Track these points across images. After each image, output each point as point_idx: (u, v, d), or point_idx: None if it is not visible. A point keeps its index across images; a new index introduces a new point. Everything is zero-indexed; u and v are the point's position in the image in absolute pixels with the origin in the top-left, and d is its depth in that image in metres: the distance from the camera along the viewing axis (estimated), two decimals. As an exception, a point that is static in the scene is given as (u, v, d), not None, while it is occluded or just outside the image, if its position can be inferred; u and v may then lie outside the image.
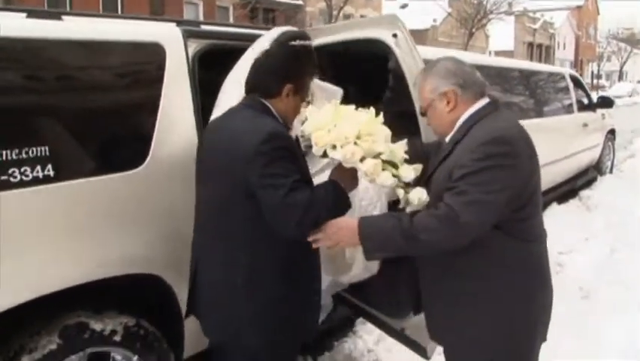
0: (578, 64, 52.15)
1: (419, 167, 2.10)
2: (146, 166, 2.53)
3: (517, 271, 2.00)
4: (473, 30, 34.62)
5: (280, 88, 2.15)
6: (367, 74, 2.99)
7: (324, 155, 2.07)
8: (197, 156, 2.28)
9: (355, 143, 2.01)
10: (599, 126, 9.03)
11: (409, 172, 2.05)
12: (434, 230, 1.86)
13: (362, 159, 2.01)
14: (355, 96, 2.60)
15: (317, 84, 2.54)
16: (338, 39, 3.04)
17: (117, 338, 2.45)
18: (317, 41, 3.28)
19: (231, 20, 26.27)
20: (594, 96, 9.40)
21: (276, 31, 2.30)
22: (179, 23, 3.01)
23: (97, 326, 2.40)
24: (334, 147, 2.03)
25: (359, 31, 2.91)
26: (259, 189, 1.93)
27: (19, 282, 2.16)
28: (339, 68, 3.19)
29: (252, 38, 2.66)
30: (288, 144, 2.01)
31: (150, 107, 2.59)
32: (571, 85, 8.35)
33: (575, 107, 8.18)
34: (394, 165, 2.07)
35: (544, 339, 2.14)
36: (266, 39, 2.26)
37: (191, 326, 2.62)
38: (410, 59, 2.64)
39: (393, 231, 1.91)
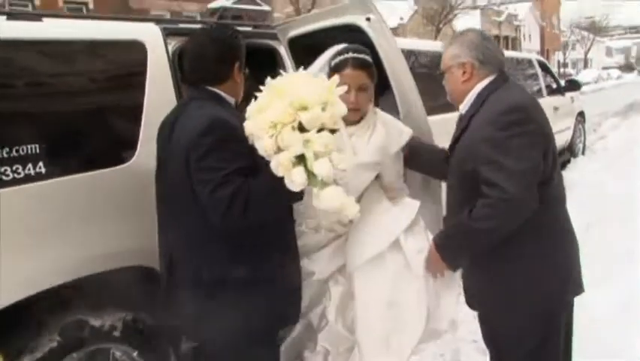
0: (544, 54, 52.91)
1: (346, 158, 1.98)
2: (135, 159, 2.58)
3: (545, 235, 2.11)
4: (440, 26, 35.00)
5: (231, 70, 2.21)
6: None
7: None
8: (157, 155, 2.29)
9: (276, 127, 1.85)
10: (568, 110, 9.21)
11: (322, 168, 1.82)
12: (491, 216, 1.99)
13: (279, 151, 1.87)
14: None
15: (382, 117, 2.49)
16: (313, 28, 3.11)
17: (117, 333, 2.48)
18: (292, 33, 3.37)
19: (199, 29, 26.30)
20: (562, 81, 9.60)
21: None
22: (157, 22, 3.05)
23: (96, 322, 2.42)
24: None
25: (333, 19, 2.99)
26: (195, 184, 1.98)
27: (16, 279, 2.18)
28: (315, 57, 3.26)
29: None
30: (228, 133, 2.00)
31: (135, 103, 2.63)
32: (539, 70, 8.54)
33: (544, 91, 8.36)
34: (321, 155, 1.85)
35: (579, 292, 2.23)
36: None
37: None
38: (384, 40, 2.72)
39: (458, 235, 2.11)
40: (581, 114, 10.04)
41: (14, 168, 2.20)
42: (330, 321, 2.36)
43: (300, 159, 1.83)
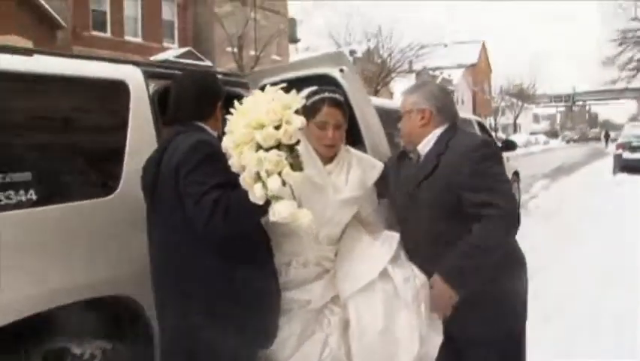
0: (476, 118, 55.19)
1: (295, 175, 2.02)
2: (119, 192, 2.67)
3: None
4: (378, 87, 36.16)
5: (214, 108, 2.47)
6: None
7: None
8: (144, 188, 2.43)
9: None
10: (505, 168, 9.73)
11: (274, 183, 1.95)
12: (497, 230, 2.27)
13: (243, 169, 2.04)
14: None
15: (355, 154, 2.67)
16: (286, 77, 3.31)
17: (95, 361, 2.51)
18: (264, 81, 3.56)
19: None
20: (498, 142, 10.16)
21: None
22: (136, 65, 3.19)
23: (77, 350, 2.46)
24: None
25: (307, 69, 3.20)
26: (183, 196, 2.15)
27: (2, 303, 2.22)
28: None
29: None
30: (212, 151, 2.19)
31: (118, 139, 2.75)
32: (477, 130, 9.05)
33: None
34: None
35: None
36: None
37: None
38: (356, 91, 2.95)
39: (470, 258, 2.30)
40: (516, 173, 10.62)
41: (7, 194, 2.26)
42: (334, 348, 2.43)
43: (259, 176, 1.98)
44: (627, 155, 17.74)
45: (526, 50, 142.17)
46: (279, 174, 1.95)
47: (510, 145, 9.95)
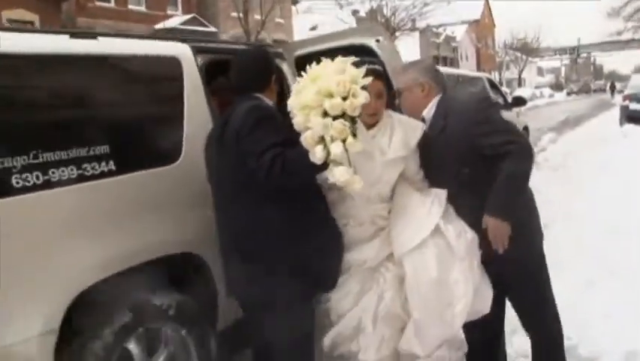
0: (480, 74, 54.98)
1: (357, 144, 2.27)
2: (181, 161, 2.96)
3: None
4: (382, 46, 36.05)
5: (269, 81, 2.76)
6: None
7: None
8: (206, 152, 2.73)
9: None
10: (515, 123, 9.96)
11: (337, 149, 2.21)
12: (522, 160, 2.64)
13: (306, 129, 2.29)
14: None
15: (397, 117, 2.85)
16: (324, 47, 3.55)
17: (171, 312, 2.80)
18: (299, 51, 3.81)
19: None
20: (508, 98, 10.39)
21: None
22: (183, 41, 3.43)
23: (157, 301, 2.76)
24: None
25: (345, 40, 3.45)
26: (246, 156, 2.42)
27: (97, 261, 2.53)
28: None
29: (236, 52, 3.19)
30: (268, 113, 2.52)
31: (177, 110, 3.02)
32: (488, 87, 9.26)
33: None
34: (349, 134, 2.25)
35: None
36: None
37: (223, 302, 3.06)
38: (392, 59, 3.20)
39: (509, 190, 2.65)
40: (526, 128, 10.85)
41: (92, 165, 2.55)
42: (388, 303, 2.70)
43: (322, 139, 2.25)
44: (634, 106, 17.76)
45: (529, 4, 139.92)
46: (343, 141, 2.22)
47: (519, 101, 10.18)
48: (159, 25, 26.06)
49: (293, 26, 37.24)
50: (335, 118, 2.23)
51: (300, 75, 2.52)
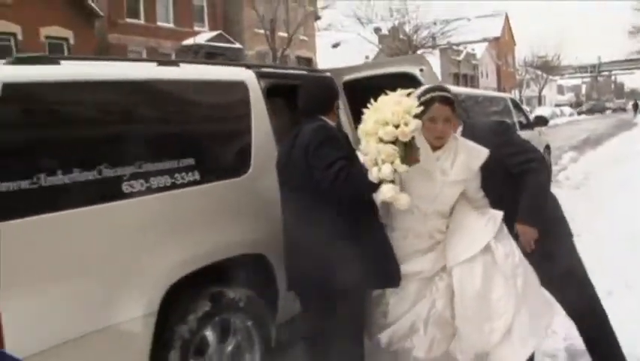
0: (500, 91, 55.27)
1: (404, 168, 2.67)
2: (250, 173, 3.41)
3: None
4: (404, 64, 36.53)
5: (332, 105, 3.19)
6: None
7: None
8: (278, 164, 3.15)
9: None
10: (537, 142, 10.30)
11: (386, 170, 2.63)
12: (541, 173, 3.10)
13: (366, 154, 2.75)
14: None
15: (462, 142, 3.08)
16: (372, 74, 3.99)
17: (242, 304, 3.24)
18: (347, 77, 4.26)
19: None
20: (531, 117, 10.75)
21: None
22: (247, 67, 3.88)
23: (231, 294, 3.19)
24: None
25: (392, 67, 3.89)
26: (312, 167, 2.84)
27: (187, 257, 2.98)
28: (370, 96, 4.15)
29: (296, 77, 3.72)
30: (333, 134, 2.93)
31: (247, 130, 3.47)
32: (512, 107, 9.64)
33: (517, 125, 9.45)
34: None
35: None
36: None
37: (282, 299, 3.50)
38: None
39: (535, 200, 3.08)
40: (548, 147, 11.18)
41: (182, 175, 3.00)
42: (439, 310, 2.96)
43: (376, 162, 2.67)
44: (656, 125, 18.10)
45: (550, 21, 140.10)
46: (392, 163, 2.64)
47: (541, 120, 10.53)
48: (186, 42, 26.75)
49: (316, 43, 37.88)
50: (392, 143, 2.65)
51: (348, 98, 2.95)
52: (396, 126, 2.66)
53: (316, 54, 36.95)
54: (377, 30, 40.26)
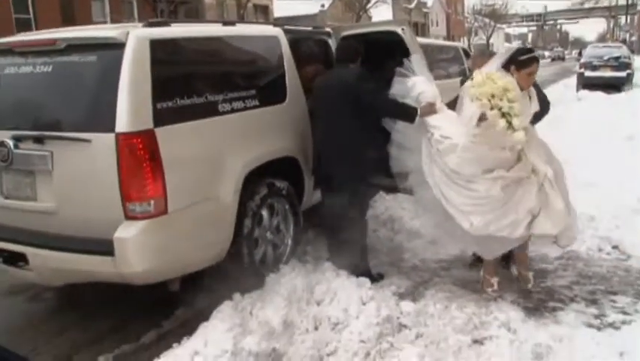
0: (450, 39, 56.88)
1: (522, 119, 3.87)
2: (287, 102, 4.88)
3: None
4: (360, 13, 37.73)
5: (359, 56, 4.66)
6: (385, 52, 5.41)
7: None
8: (315, 93, 4.69)
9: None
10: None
11: (517, 121, 3.76)
12: None
13: (491, 108, 3.80)
14: (375, 65, 5.11)
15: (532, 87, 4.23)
16: (365, 31, 5.46)
17: (284, 192, 4.76)
18: (344, 33, 5.73)
19: (136, 13, 28.15)
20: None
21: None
22: (274, 25, 5.30)
23: (278, 184, 4.70)
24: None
25: (380, 27, 5.40)
26: (368, 100, 4.36)
27: (256, 156, 4.44)
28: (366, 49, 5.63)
29: (308, 33, 5.39)
30: (366, 73, 4.47)
31: (282, 71, 4.91)
32: (463, 55, 11.20)
33: (467, 72, 11.02)
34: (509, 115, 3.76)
35: None
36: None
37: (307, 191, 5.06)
38: (412, 43, 5.13)
39: None
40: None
41: (248, 101, 4.45)
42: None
43: (502, 115, 3.78)
44: (589, 73, 20.02)
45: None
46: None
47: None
48: None
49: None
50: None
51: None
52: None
53: (273, 2, 37.80)
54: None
